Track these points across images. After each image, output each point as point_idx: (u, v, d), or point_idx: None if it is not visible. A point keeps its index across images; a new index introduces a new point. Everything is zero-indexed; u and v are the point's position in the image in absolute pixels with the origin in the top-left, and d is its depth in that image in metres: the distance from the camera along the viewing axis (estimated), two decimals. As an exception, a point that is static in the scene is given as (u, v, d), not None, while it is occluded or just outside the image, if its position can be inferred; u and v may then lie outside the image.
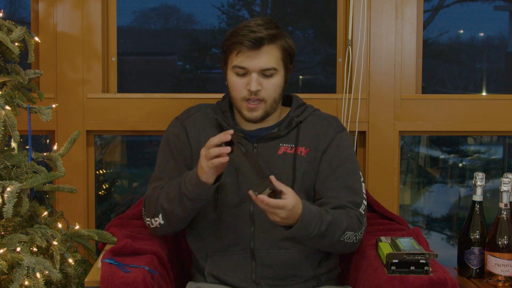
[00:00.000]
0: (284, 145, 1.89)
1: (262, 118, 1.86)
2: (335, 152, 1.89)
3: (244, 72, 1.82)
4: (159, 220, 1.83)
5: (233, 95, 1.86)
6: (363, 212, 1.86)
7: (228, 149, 1.66)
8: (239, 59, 1.81)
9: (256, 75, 1.81)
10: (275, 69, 1.82)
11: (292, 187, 1.83)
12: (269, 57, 1.81)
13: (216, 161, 1.67)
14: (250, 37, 1.78)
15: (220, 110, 1.93)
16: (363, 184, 1.91)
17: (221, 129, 1.90)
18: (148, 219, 1.87)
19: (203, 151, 1.70)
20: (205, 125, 1.93)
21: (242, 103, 1.84)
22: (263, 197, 1.62)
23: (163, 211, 1.82)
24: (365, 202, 1.88)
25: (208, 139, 1.87)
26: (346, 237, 1.79)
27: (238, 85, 1.83)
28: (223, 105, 1.93)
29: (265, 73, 1.81)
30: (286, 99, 1.97)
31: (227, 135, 1.66)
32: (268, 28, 1.80)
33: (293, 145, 1.88)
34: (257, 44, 1.78)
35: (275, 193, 1.65)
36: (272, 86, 1.83)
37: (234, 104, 1.88)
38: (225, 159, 1.66)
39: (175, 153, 1.92)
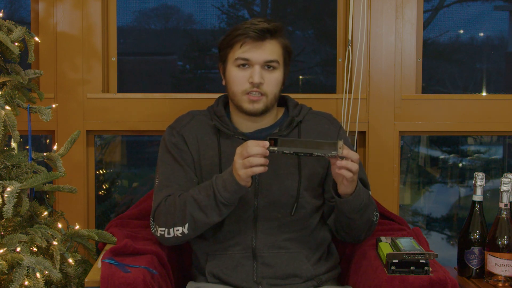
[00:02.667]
0: None
1: (262, 112, 1.84)
2: None
3: (246, 63, 1.81)
4: (183, 229, 1.78)
5: (234, 90, 1.83)
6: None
7: (267, 152, 1.66)
8: (242, 50, 1.80)
9: (259, 68, 1.80)
10: (277, 62, 1.82)
11: (298, 187, 1.84)
12: (272, 49, 1.81)
13: (258, 169, 1.67)
14: (255, 27, 1.78)
15: (215, 115, 1.91)
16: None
17: (219, 135, 1.89)
18: (162, 229, 1.81)
19: (238, 160, 1.68)
20: (203, 133, 1.90)
21: (243, 96, 1.82)
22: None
23: (192, 220, 1.77)
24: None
25: (206, 147, 1.87)
26: (374, 214, 1.86)
27: (239, 78, 1.82)
28: (218, 110, 1.90)
29: (269, 64, 1.81)
30: (279, 100, 1.96)
31: (265, 150, 1.66)
32: (270, 21, 1.82)
33: None
34: (262, 35, 1.79)
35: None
36: (274, 81, 1.83)
37: (233, 99, 1.85)
38: (265, 168, 1.67)
39: (180, 160, 1.88)
